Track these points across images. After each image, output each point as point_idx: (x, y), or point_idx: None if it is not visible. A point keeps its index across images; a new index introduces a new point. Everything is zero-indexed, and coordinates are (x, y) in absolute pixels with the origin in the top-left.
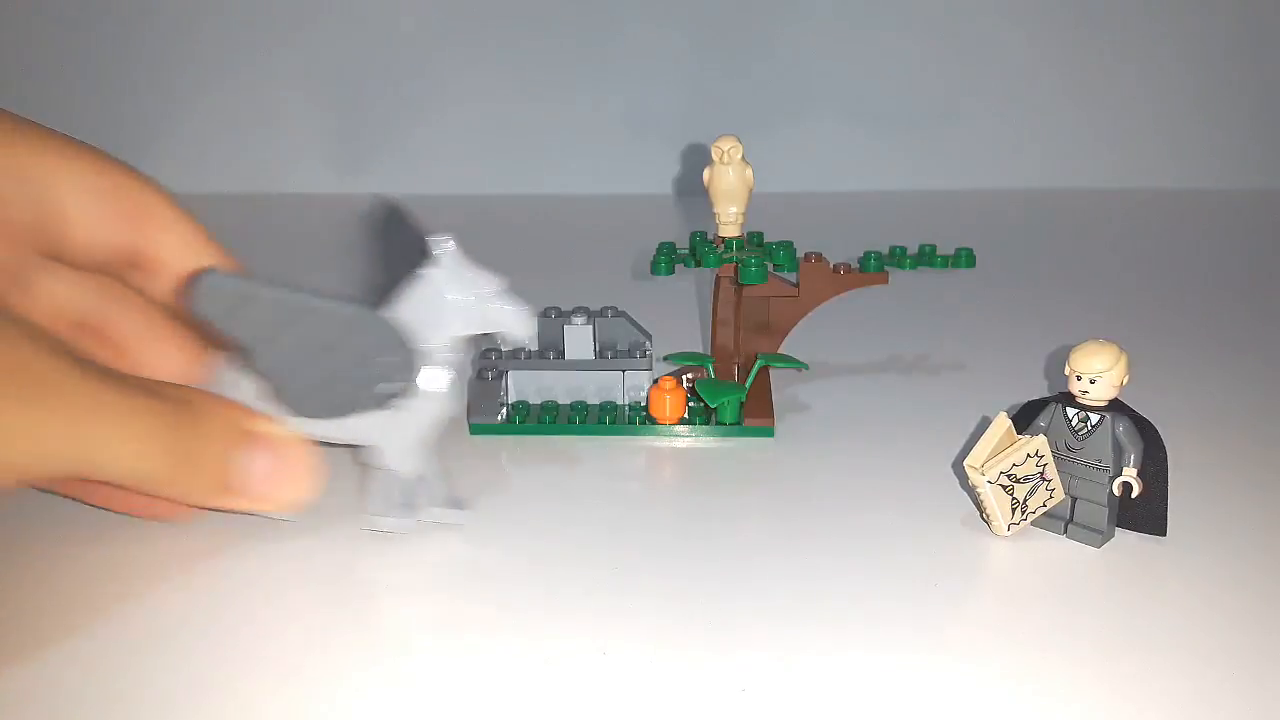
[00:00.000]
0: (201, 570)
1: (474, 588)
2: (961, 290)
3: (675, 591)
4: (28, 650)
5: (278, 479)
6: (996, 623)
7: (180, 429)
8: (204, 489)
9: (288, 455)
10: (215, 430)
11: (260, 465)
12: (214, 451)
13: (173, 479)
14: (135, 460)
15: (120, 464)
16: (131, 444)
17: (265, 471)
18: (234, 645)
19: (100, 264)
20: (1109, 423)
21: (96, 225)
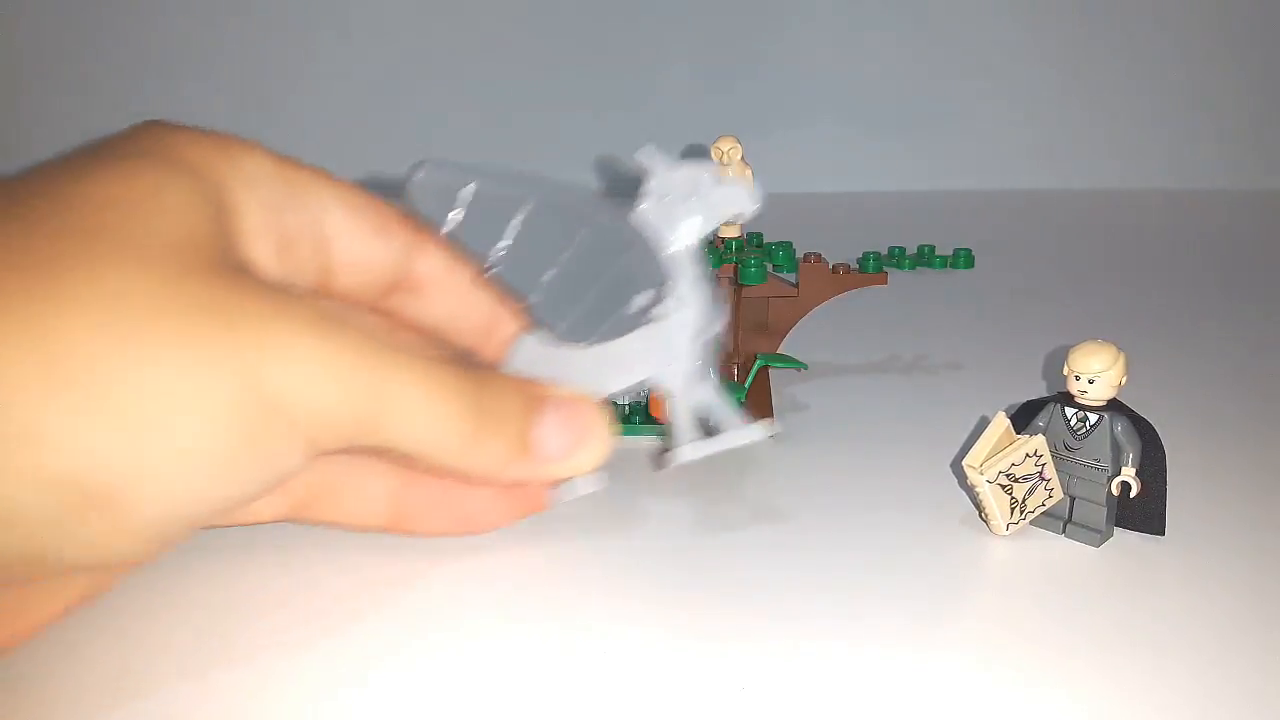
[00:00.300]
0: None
1: (471, 587)
2: (960, 290)
3: (674, 590)
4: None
5: (576, 438)
6: (995, 622)
7: (477, 389)
8: (503, 452)
9: (582, 413)
10: (509, 392)
11: (558, 423)
12: (513, 409)
13: (474, 440)
14: (433, 420)
15: (417, 423)
16: (432, 401)
17: (563, 430)
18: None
19: (365, 285)
20: (1107, 422)
21: (362, 241)
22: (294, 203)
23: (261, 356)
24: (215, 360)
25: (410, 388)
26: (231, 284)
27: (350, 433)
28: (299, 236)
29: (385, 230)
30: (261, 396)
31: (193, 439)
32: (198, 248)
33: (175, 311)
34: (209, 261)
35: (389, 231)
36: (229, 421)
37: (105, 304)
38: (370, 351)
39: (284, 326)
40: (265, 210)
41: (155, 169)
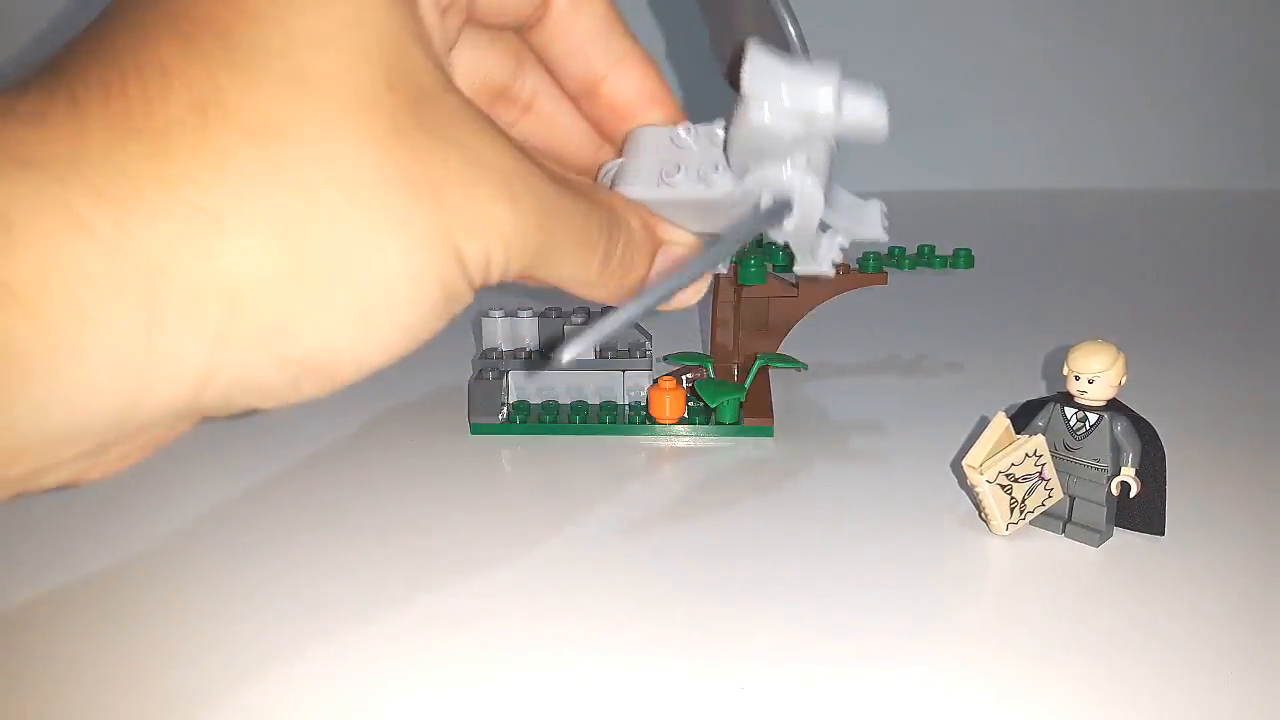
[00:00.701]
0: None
1: (471, 587)
2: (960, 290)
3: (674, 589)
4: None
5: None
6: (995, 621)
7: (617, 240)
8: (620, 291)
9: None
10: (637, 243)
11: (660, 273)
12: (633, 264)
13: (597, 284)
14: (579, 267)
15: (565, 269)
16: (583, 252)
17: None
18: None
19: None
20: (1107, 422)
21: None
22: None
23: (462, 230)
24: (428, 240)
25: (571, 243)
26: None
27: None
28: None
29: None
30: (462, 269)
31: (409, 316)
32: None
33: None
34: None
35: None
36: (439, 296)
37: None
38: (546, 208)
39: (482, 195)
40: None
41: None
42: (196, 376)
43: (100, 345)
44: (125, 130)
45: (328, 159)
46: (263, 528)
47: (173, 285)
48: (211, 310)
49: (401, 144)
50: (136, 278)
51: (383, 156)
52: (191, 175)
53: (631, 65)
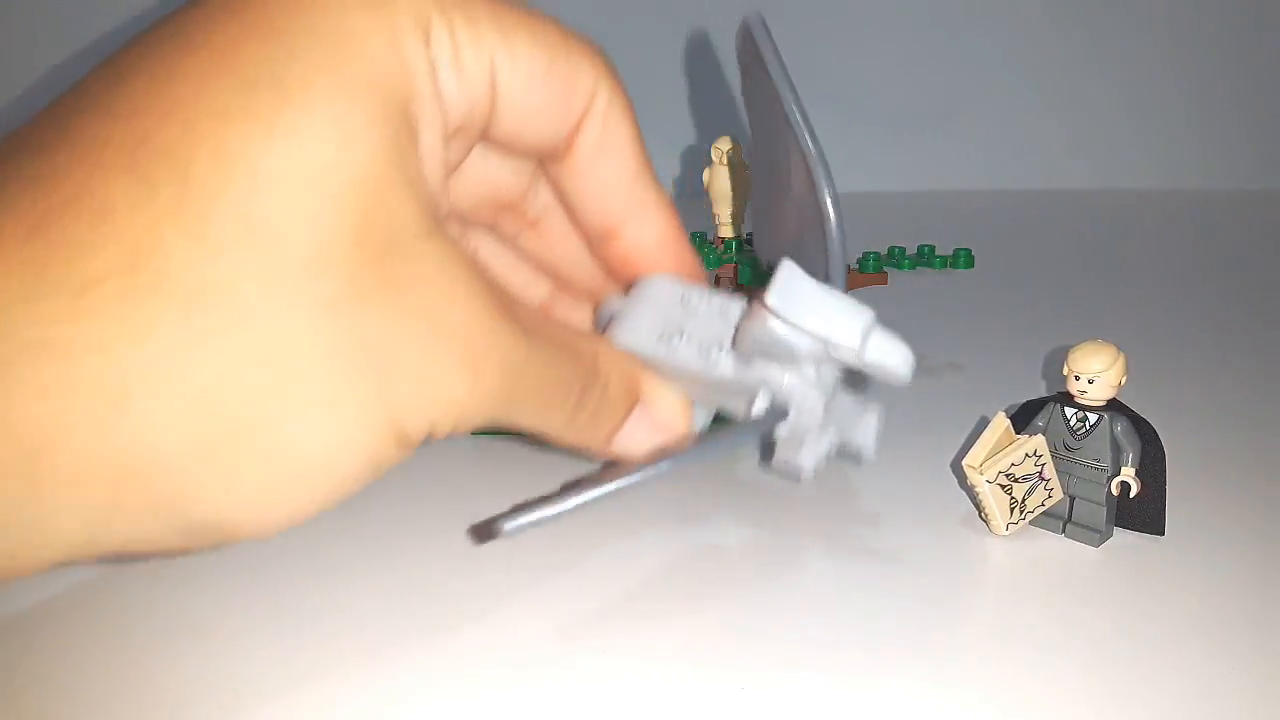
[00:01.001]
0: None
1: (470, 588)
2: (960, 291)
3: (673, 590)
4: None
5: (654, 443)
6: (995, 621)
7: (584, 393)
8: (587, 443)
9: (669, 422)
10: (616, 397)
11: (643, 429)
12: (604, 419)
13: (562, 436)
14: (540, 421)
15: (525, 420)
16: (541, 409)
17: (646, 437)
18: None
19: (520, 148)
20: (1107, 422)
21: (530, 114)
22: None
23: (409, 407)
24: (362, 416)
25: (533, 409)
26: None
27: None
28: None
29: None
30: (399, 442)
31: (325, 488)
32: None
33: (327, 361)
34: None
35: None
36: (362, 470)
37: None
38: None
39: (438, 367)
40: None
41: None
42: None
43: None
44: (39, 283)
45: (262, 327)
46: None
47: (57, 460)
48: (98, 486)
49: (352, 310)
50: (17, 454)
51: (326, 325)
52: (102, 344)
53: (653, 217)
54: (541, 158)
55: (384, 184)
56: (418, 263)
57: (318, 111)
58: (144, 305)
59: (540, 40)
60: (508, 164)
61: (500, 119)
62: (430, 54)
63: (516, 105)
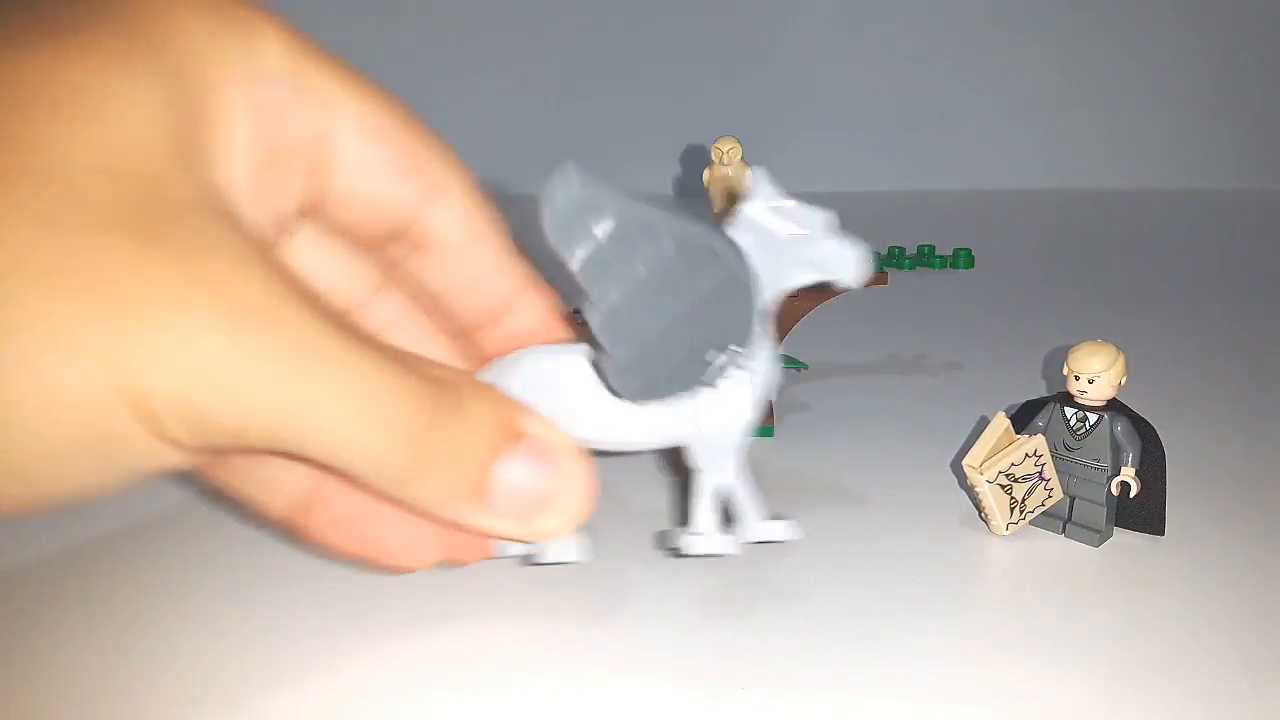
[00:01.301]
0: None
1: (470, 588)
2: (960, 290)
3: (673, 590)
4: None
5: (544, 497)
6: (995, 621)
7: (435, 411)
8: (447, 493)
9: (562, 465)
10: (478, 421)
11: (525, 475)
12: (472, 449)
13: (410, 473)
14: (364, 442)
15: (345, 438)
16: (367, 421)
17: (530, 484)
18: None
19: (360, 224)
20: (1107, 422)
21: (371, 178)
22: (300, 112)
23: (141, 354)
24: (78, 351)
25: (342, 405)
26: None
27: (249, 441)
28: (295, 150)
29: (404, 168)
30: (127, 400)
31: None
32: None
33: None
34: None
35: (408, 171)
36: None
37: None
38: (301, 352)
39: (186, 314)
40: (260, 116)
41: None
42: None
43: None
44: None
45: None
46: (262, 526)
47: None
48: None
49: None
50: None
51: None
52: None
53: (534, 295)
54: (394, 241)
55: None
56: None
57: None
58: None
59: (388, 104)
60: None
61: (340, 169)
62: (259, 60)
63: (357, 156)
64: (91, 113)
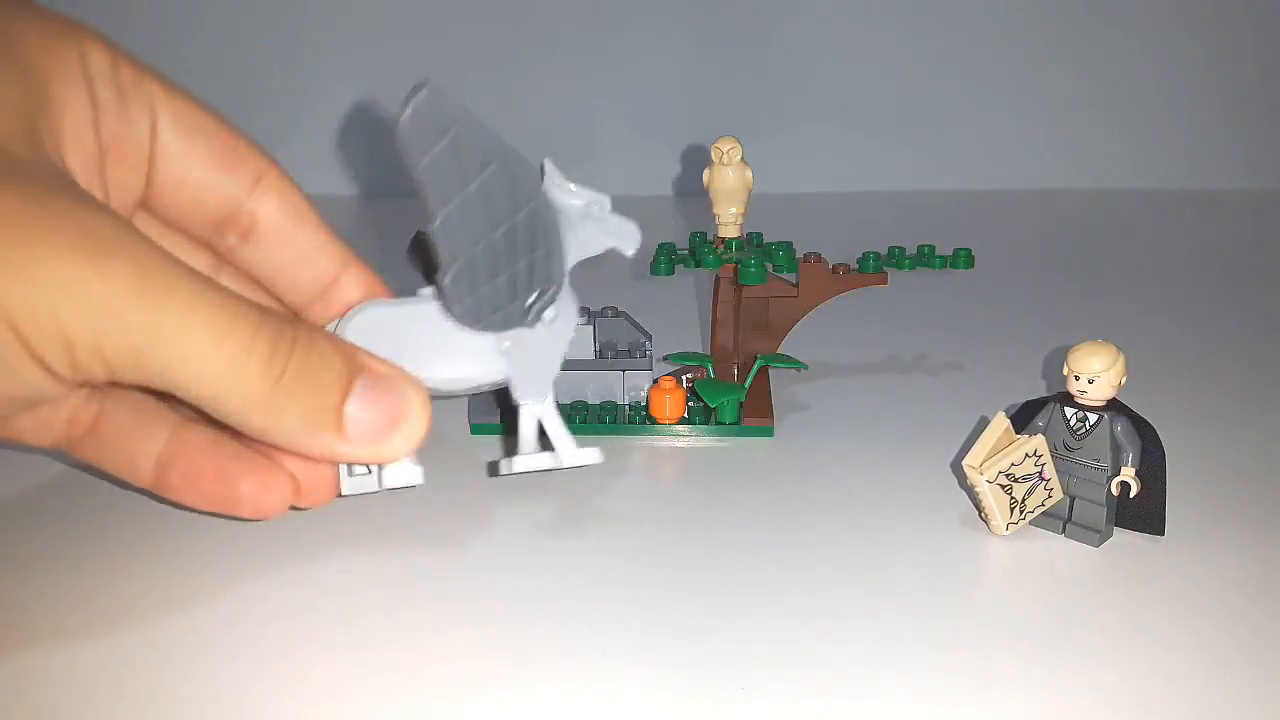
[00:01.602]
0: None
1: (472, 588)
2: (960, 290)
3: (674, 590)
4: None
5: (392, 419)
6: (995, 621)
7: (285, 342)
8: (304, 422)
9: (405, 392)
10: (326, 354)
11: (374, 399)
12: (322, 377)
13: (267, 402)
14: (223, 365)
15: (203, 367)
16: (222, 344)
17: (379, 407)
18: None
19: (191, 214)
20: (1107, 422)
21: (194, 167)
22: (121, 104)
23: (16, 284)
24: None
25: (198, 327)
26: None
27: (117, 366)
28: (122, 145)
29: (224, 160)
30: (14, 331)
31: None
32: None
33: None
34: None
35: (228, 160)
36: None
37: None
38: (153, 279)
39: (43, 240)
40: (91, 111)
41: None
42: None
43: None
44: None
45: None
46: (261, 528)
47: None
48: None
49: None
50: None
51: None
52: None
53: (356, 269)
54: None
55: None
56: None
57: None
58: None
59: (203, 107)
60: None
61: (166, 159)
62: (85, 64)
63: (179, 150)
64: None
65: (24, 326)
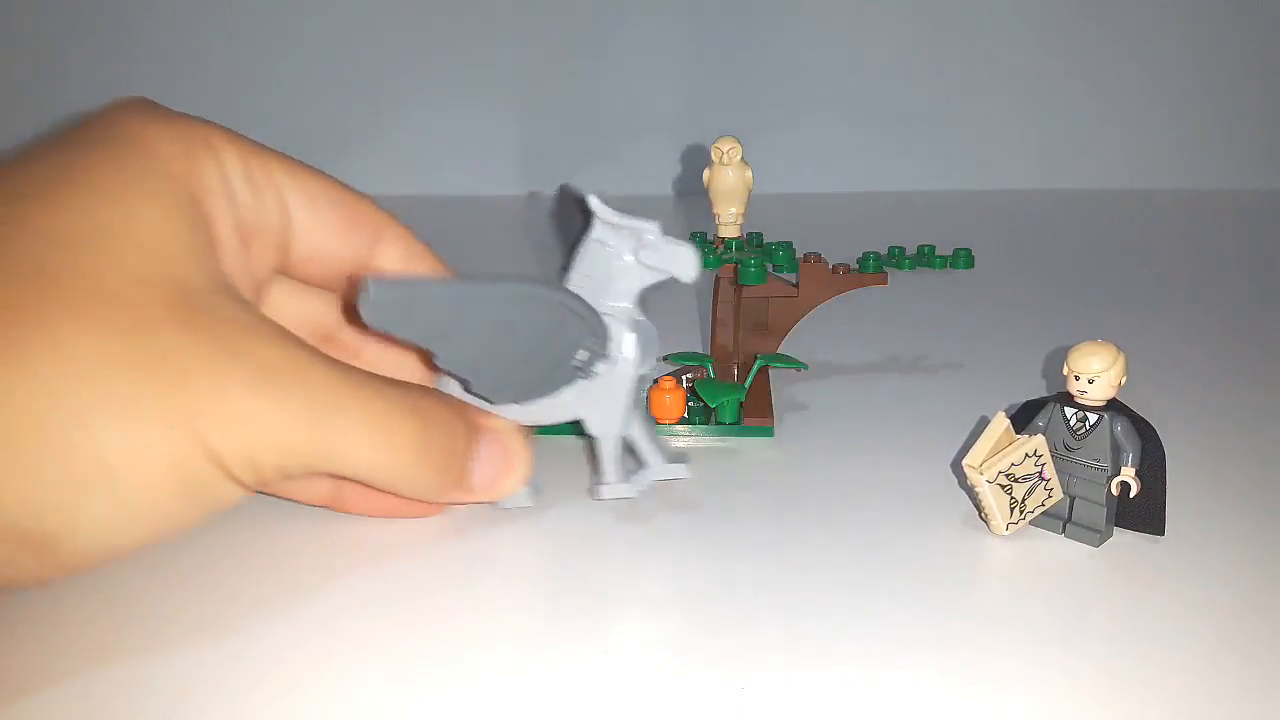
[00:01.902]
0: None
1: (473, 587)
2: (960, 290)
3: (673, 590)
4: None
5: (504, 472)
6: (995, 621)
7: (421, 421)
8: (438, 485)
9: (512, 447)
10: (454, 425)
11: (489, 458)
12: (454, 445)
13: (415, 473)
14: (379, 456)
15: (364, 455)
16: (380, 443)
17: (494, 465)
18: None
19: (324, 275)
20: (1107, 422)
21: (323, 235)
22: (257, 198)
23: (205, 417)
24: (158, 422)
25: (363, 435)
26: (187, 331)
27: (296, 471)
28: (260, 230)
29: (350, 224)
30: (203, 453)
31: (131, 495)
32: (161, 285)
33: (124, 371)
34: (169, 302)
35: (354, 225)
36: (168, 478)
37: (54, 365)
38: (322, 401)
39: (232, 383)
40: (232, 209)
41: (131, 188)
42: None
43: None
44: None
45: (57, 342)
46: (257, 526)
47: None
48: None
49: (143, 333)
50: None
51: (118, 343)
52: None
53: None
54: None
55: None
56: (208, 306)
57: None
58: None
59: (324, 180)
60: (319, 298)
61: (299, 236)
62: (222, 169)
63: (310, 225)
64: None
65: (225, 458)
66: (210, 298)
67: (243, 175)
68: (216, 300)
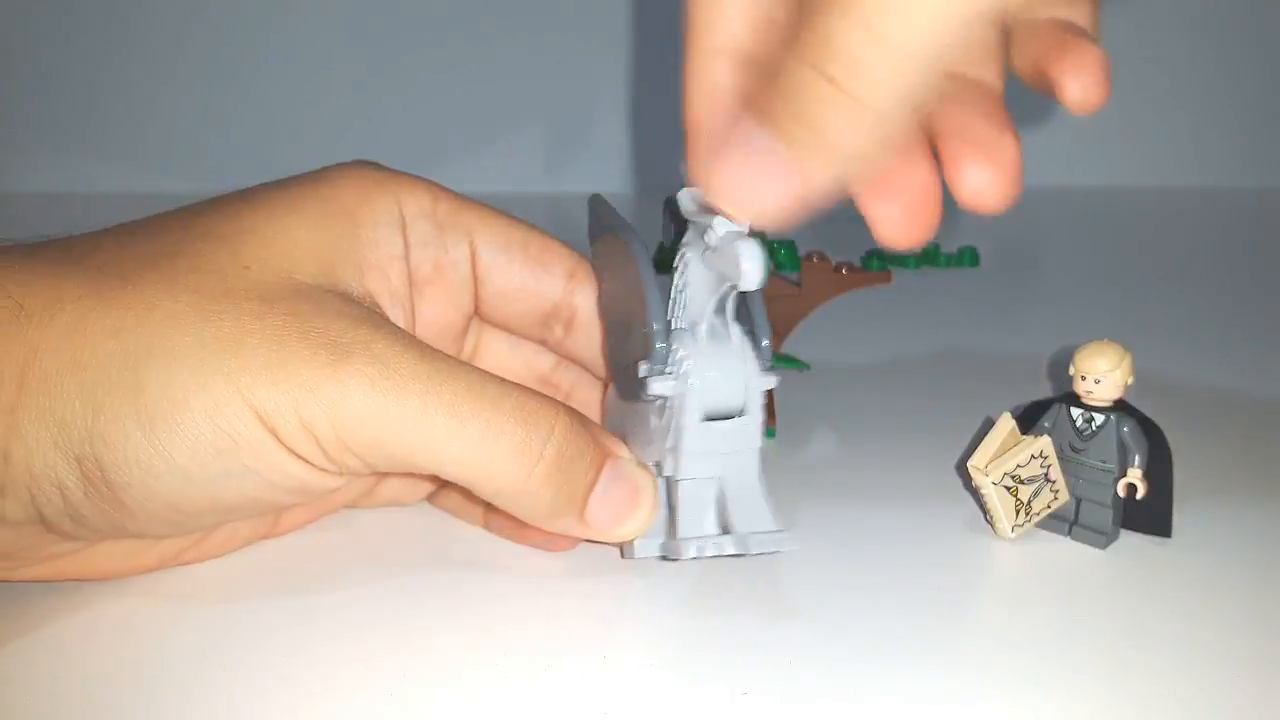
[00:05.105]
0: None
1: (474, 587)
2: (965, 289)
3: (674, 592)
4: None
5: (626, 507)
6: (1001, 624)
7: (526, 423)
8: (554, 510)
9: (638, 488)
10: (582, 446)
11: (613, 495)
12: (576, 466)
13: (515, 484)
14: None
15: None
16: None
17: (617, 499)
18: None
19: (519, 316)
20: (1114, 423)
21: (514, 276)
22: (441, 236)
23: (250, 374)
24: (199, 370)
25: (439, 414)
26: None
27: (366, 455)
28: (444, 272)
29: (540, 264)
30: (244, 407)
31: (167, 436)
32: (267, 272)
33: (187, 327)
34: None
35: (544, 264)
36: (204, 426)
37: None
38: (389, 373)
39: (292, 351)
40: (402, 247)
41: (287, 204)
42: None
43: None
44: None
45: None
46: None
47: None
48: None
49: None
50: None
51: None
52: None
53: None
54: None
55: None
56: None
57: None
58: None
59: (513, 222)
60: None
61: (489, 275)
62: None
63: (499, 265)
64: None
65: (272, 420)
66: (317, 292)
67: (426, 215)
68: (323, 295)
